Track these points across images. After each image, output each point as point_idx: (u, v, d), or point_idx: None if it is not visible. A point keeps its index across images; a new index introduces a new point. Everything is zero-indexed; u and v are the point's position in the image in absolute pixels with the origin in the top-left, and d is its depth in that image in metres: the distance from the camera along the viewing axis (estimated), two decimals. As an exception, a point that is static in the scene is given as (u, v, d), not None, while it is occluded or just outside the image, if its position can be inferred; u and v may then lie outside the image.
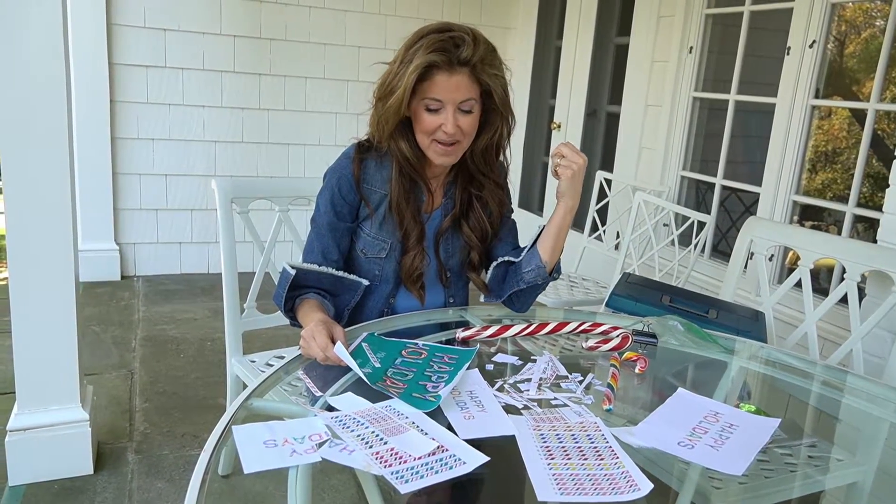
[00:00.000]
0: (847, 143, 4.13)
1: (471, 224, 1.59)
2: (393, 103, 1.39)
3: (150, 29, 3.84)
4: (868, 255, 1.88)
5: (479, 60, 1.38)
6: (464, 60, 1.37)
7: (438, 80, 1.38)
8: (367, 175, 1.52)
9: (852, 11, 3.93)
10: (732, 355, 1.54)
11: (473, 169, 1.57)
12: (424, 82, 1.38)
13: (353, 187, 1.51)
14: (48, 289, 2.01)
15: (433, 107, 1.40)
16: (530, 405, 1.16)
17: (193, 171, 4.10)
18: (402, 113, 1.41)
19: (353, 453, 0.95)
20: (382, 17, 4.31)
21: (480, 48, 1.38)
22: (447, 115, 1.40)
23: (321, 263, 1.52)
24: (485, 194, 1.58)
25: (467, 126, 1.43)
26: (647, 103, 3.60)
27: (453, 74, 1.37)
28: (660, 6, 3.49)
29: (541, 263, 1.53)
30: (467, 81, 1.39)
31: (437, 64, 1.36)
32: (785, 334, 2.04)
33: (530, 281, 1.54)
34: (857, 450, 1.29)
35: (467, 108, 1.41)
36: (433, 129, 1.42)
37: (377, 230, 1.55)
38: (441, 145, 1.44)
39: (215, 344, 3.23)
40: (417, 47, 1.37)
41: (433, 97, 1.39)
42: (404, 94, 1.37)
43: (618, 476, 0.95)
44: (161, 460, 2.29)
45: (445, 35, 1.37)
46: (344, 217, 1.54)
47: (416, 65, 1.35)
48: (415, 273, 1.56)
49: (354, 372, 1.19)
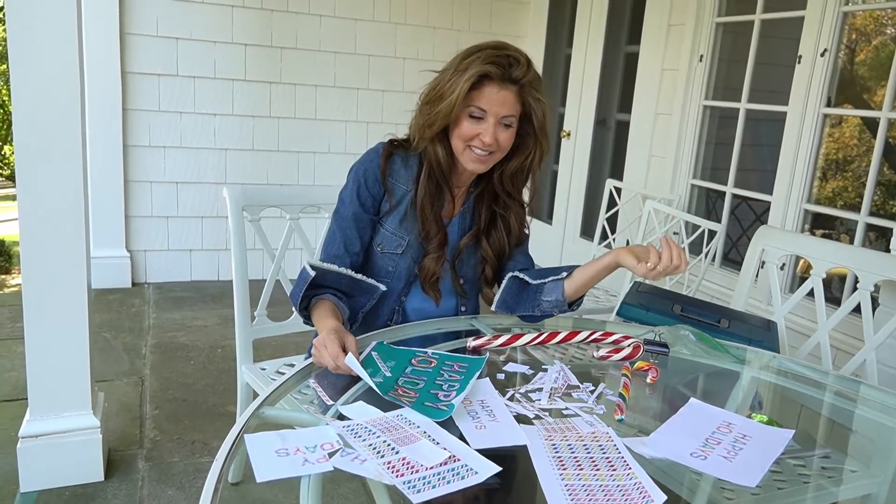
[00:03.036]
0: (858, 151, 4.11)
1: (490, 241, 1.63)
2: (444, 108, 1.45)
3: (163, 38, 3.87)
4: (881, 264, 1.86)
5: (528, 83, 1.46)
6: (515, 79, 1.44)
7: (487, 92, 1.44)
8: (392, 169, 1.57)
9: (863, 19, 3.91)
10: (744, 365, 1.53)
11: (500, 190, 1.61)
12: (473, 91, 1.44)
13: (379, 179, 1.56)
14: (61, 296, 2.02)
15: (476, 114, 1.46)
16: (542, 415, 1.15)
17: (204, 179, 4.12)
18: (450, 118, 1.47)
19: (365, 463, 0.95)
20: (392, 26, 4.33)
21: (531, 72, 1.47)
22: (488, 125, 1.46)
23: (342, 255, 1.55)
24: (509, 215, 1.63)
25: (504, 140, 1.49)
26: (657, 112, 3.59)
27: (503, 89, 1.45)
28: (670, 14, 3.49)
29: (561, 298, 1.55)
30: (513, 99, 1.46)
31: (491, 76, 1.43)
32: (797, 344, 2.03)
33: (547, 311, 1.57)
34: (872, 461, 1.28)
35: (508, 122, 1.48)
36: (471, 137, 1.47)
37: (397, 226, 1.58)
38: (474, 152, 1.49)
39: (225, 351, 3.23)
40: (474, 58, 1.44)
41: (479, 106, 1.45)
42: (457, 99, 1.43)
43: (630, 487, 0.94)
44: (171, 467, 2.29)
45: (502, 52, 1.45)
46: (368, 209, 1.57)
47: (472, 73, 1.42)
48: (433, 277, 1.59)
49: (365, 382, 1.19)
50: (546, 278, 1.57)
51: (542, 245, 3.03)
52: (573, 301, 1.57)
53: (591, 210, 4.18)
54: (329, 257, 1.55)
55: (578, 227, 4.26)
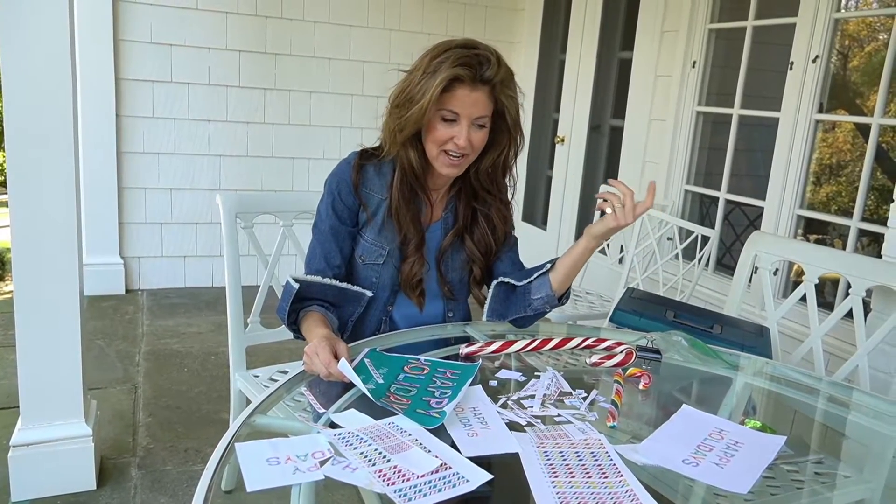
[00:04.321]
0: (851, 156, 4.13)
1: (475, 239, 1.61)
2: (415, 112, 1.42)
3: (157, 44, 3.87)
4: (873, 269, 1.87)
5: (500, 81, 1.43)
6: (486, 79, 1.41)
7: (459, 94, 1.41)
8: (365, 179, 1.55)
9: (855, 25, 3.94)
10: (737, 371, 1.53)
11: (478, 186, 1.59)
12: (445, 94, 1.41)
13: (352, 191, 1.54)
14: (53, 303, 2.02)
15: (449, 117, 1.43)
16: (534, 422, 1.15)
17: (198, 186, 4.12)
18: (422, 122, 1.44)
19: (357, 471, 0.95)
20: (387, 32, 4.33)
21: (502, 70, 1.43)
22: (461, 128, 1.43)
23: (324, 269, 1.54)
24: (490, 211, 1.61)
25: (478, 141, 1.47)
26: (650, 117, 3.60)
27: (475, 90, 1.41)
28: (663, 21, 3.50)
29: (550, 292, 1.54)
30: (485, 99, 1.43)
31: (462, 78, 1.39)
32: (790, 349, 2.03)
33: (539, 308, 1.56)
34: (865, 466, 1.28)
35: (481, 123, 1.45)
36: (445, 140, 1.45)
37: (376, 236, 1.56)
38: (449, 157, 1.47)
39: (219, 358, 3.22)
40: (443, 59, 1.40)
41: (451, 109, 1.42)
42: (428, 103, 1.40)
43: (622, 494, 0.94)
44: (164, 475, 2.28)
45: (471, 52, 1.41)
46: (345, 221, 1.56)
47: (443, 77, 1.38)
48: (413, 279, 1.57)
49: (358, 388, 1.19)
50: (531, 276, 1.56)
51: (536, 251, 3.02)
52: (562, 294, 1.57)
53: (585, 216, 4.18)
54: (311, 271, 1.54)
55: (573, 233, 4.26)
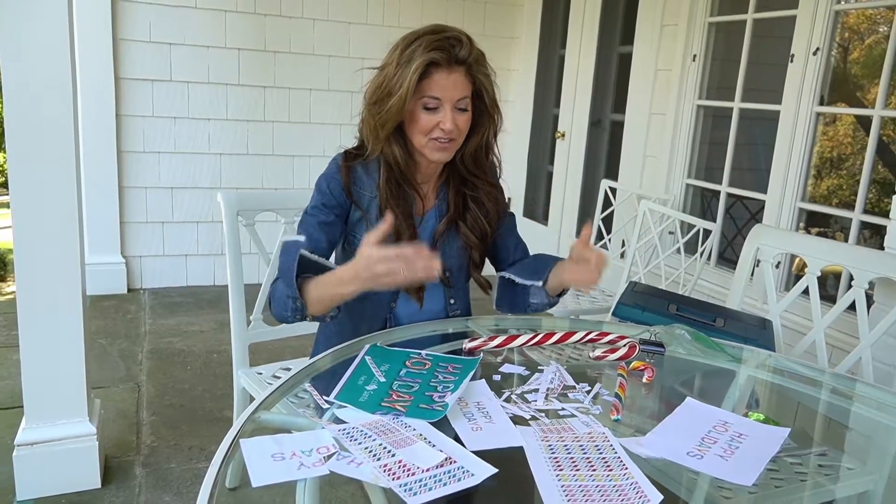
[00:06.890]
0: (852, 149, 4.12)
1: (469, 224, 1.61)
2: (395, 104, 1.42)
3: (156, 43, 3.87)
4: (875, 262, 1.87)
5: (475, 61, 1.45)
6: (461, 59, 1.42)
7: (437, 79, 1.42)
8: (355, 179, 1.54)
9: (856, 18, 3.93)
10: (740, 364, 1.53)
11: (464, 171, 1.60)
12: (423, 81, 1.41)
13: (343, 191, 1.53)
14: (56, 303, 2.02)
15: (431, 105, 1.44)
16: (538, 416, 1.15)
17: (199, 184, 4.12)
18: (403, 113, 1.43)
19: (361, 466, 0.95)
20: (386, 29, 4.32)
21: (475, 49, 1.45)
22: (445, 112, 1.44)
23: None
24: (479, 194, 1.61)
25: (463, 124, 1.48)
26: (651, 112, 3.60)
27: (451, 73, 1.42)
28: (663, 15, 3.49)
29: (546, 300, 1.58)
30: (463, 80, 1.44)
31: (437, 61, 1.40)
32: (793, 342, 2.03)
33: (538, 309, 1.60)
34: (868, 458, 1.28)
35: (463, 106, 1.46)
36: (430, 128, 1.45)
37: None
38: (438, 142, 1.47)
39: (222, 356, 3.23)
40: (415, 48, 1.41)
41: (432, 95, 1.43)
42: (407, 93, 1.40)
43: (627, 487, 0.94)
44: (168, 473, 2.29)
45: (441, 35, 1.42)
46: (333, 221, 1.53)
47: (418, 63, 1.39)
48: None
49: (358, 385, 1.19)
50: (531, 279, 1.57)
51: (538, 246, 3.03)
52: (559, 294, 1.59)
53: (586, 211, 4.18)
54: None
55: (574, 228, 4.26)
